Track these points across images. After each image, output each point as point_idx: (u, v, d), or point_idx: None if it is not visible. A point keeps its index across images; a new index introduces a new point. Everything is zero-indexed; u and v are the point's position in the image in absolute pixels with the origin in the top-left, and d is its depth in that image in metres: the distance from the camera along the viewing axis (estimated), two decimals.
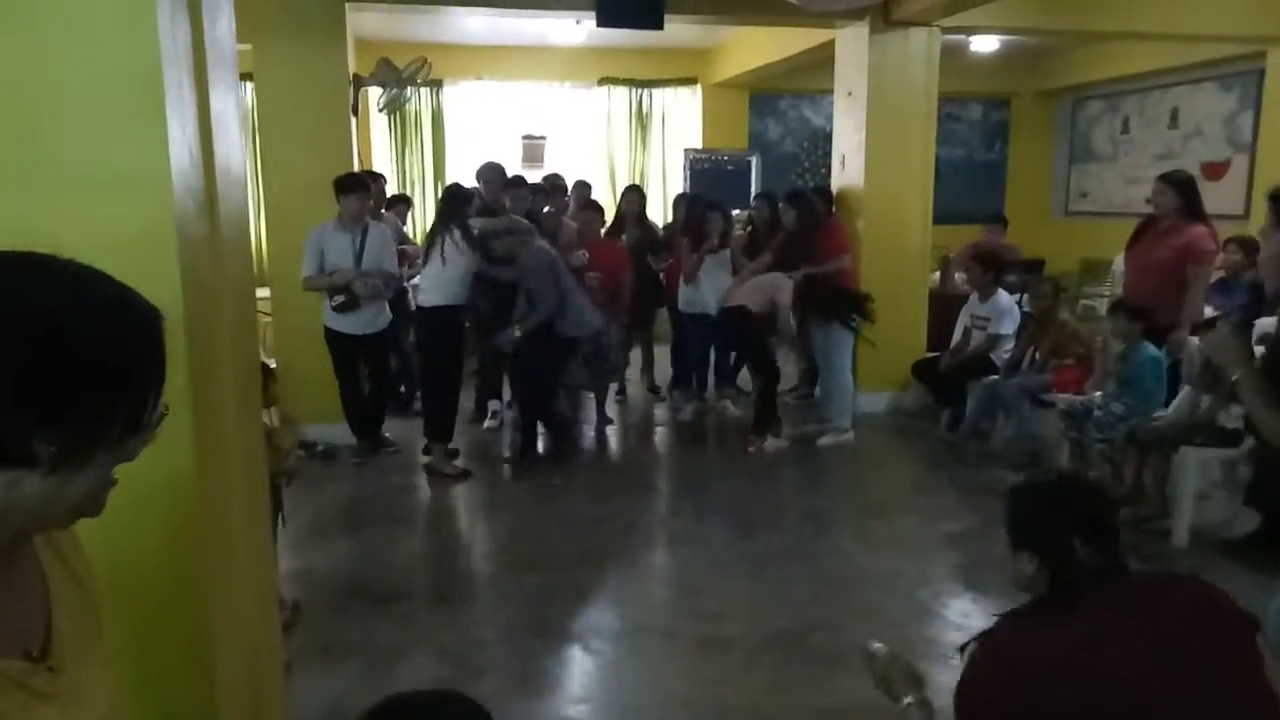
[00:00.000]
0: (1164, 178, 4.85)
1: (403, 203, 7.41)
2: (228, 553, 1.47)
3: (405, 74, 6.57)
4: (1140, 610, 1.54)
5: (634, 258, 6.28)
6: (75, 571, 0.94)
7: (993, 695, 1.54)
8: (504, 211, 5.65)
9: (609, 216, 6.67)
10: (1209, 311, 4.96)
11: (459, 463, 5.23)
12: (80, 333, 0.77)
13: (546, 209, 6.21)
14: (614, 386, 6.49)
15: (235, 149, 1.68)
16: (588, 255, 5.81)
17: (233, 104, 1.69)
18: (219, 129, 1.53)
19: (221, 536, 1.44)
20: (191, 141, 1.36)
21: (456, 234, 4.96)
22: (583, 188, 6.99)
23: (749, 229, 6.72)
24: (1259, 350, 4.65)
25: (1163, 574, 1.99)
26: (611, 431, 6.14)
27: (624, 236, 6.51)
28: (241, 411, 1.59)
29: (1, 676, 0.78)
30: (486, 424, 6.07)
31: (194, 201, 1.35)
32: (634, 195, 6.79)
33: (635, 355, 6.71)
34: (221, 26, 1.64)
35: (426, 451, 5.22)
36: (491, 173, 5.93)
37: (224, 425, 1.44)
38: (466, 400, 6.12)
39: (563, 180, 6.87)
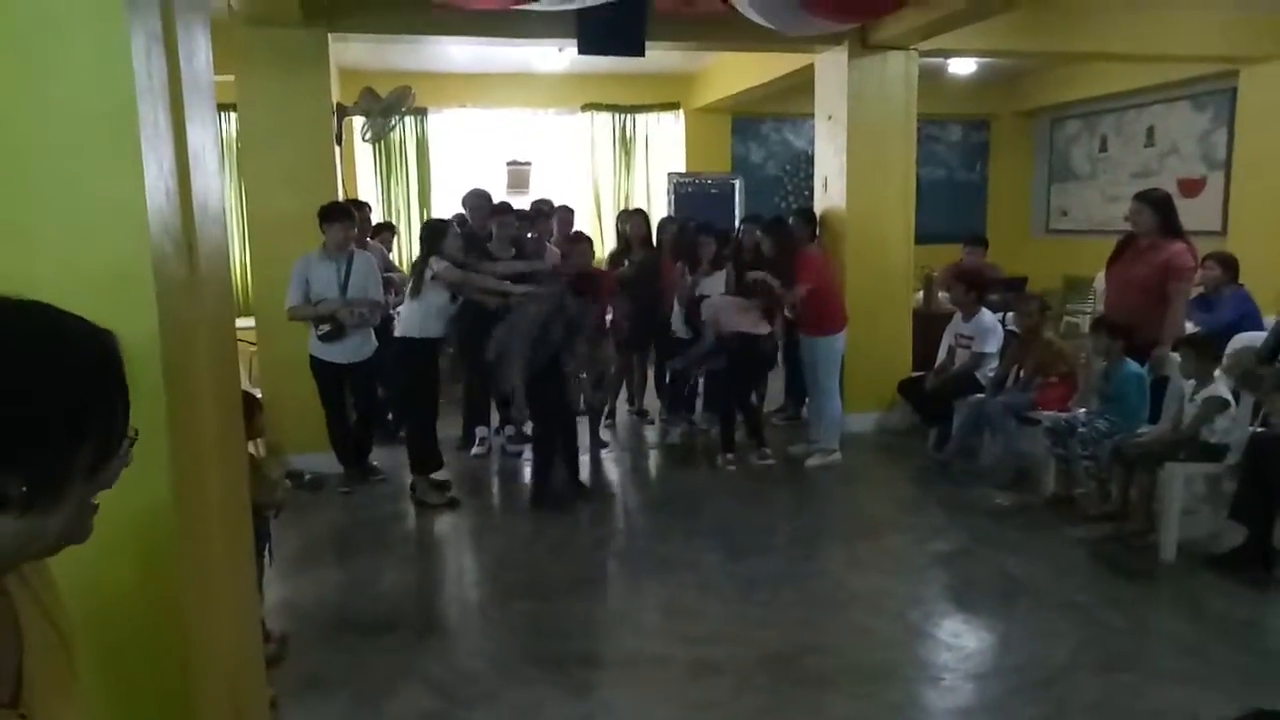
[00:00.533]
0: (1140, 197, 4.91)
1: (388, 230, 7.42)
2: (207, 584, 1.45)
3: (389, 103, 6.59)
4: None
5: (640, 280, 6.28)
6: (48, 609, 0.93)
7: None
8: (489, 239, 5.67)
9: (607, 239, 6.71)
10: (1190, 328, 5.00)
11: (452, 492, 5.20)
12: (12, 370, 0.75)
13: (530, 235, 6.23)
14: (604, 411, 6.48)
15: (214, 183, 1.68)
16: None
17: (210, 138, 1.70)
18: (196, 164, 1.53)
19: (200, 567, 1.42)
20: (168, 178, 1.36)
21: (432, 268, 4.98)
22: (565, 213, 7.01)
23: (736, 252, 6.73)
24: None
25: None
26: (606, 455, 6.12)
27: (627, 261, 6.48)
28: (222, 443, 1.58)
29: None
30: (474, 451, 6.04)
31: (170, 238, 1.35)
32: (639, 218, 6.73)
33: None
34: (199, 60, 1.64)
35: (413, 487, 5.19)
36: (477, 200, 5.95)
37: (203, 457, 1.43)
38: (454, 428, 6.11)
39: (549, 206, 6.89)
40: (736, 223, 9.19)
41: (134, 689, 1.29)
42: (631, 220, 6.70)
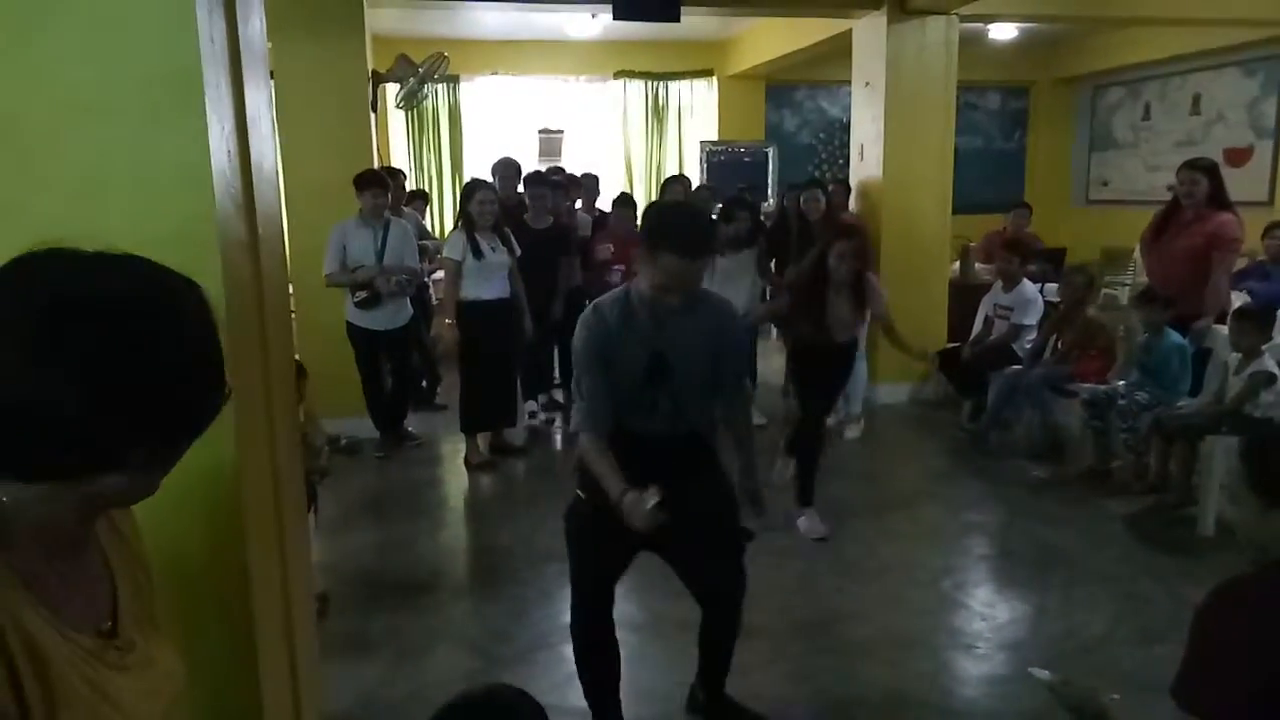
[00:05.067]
0: (1193, 165, 4.78)
1: (420, 198, 7.44)
2: (270, 542, 1.50)
3: (423, 70, 6.59)
4: None
5: None
6: (136, 552, 0.98)
7: (1240, 639, 1.44)
8: (518, 207, 5.62)
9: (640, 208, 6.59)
10: (1238, 299, 4.91)
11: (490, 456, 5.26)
12: (165, 351, 0.79)
13: (568, 203, 6.20)
14: None
15: (268, 146, 1.70)
16: (612, 249, 5.76)
17: (265, 102, 1.72)
18: (253, 127, 1.55)
19: (264, 526, 1.46)
20: (229, 139, 1.38)
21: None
22: (591, 181, 6.97)
23: (779, 220, 6.61)
24: None
25: None
26: None
27: None
28: (278, 403, 1.61)
29: (82, 650, 0.83)
30: (526, 423, 5.80)
31: (232, 199, 1.38)
32: (678, 186, 6.53)
33: None
34: (254, 25, 1.66)
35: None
36: (505, 168, 5.95)
37: (263, 418, 1.47)
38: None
39: (588, 178, 6.87)
40: (769, 192, 9.15)
41: (204, 641, 1.33)
42: (670, 188, 6.54)
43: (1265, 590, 1.51)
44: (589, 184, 6.89)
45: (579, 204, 6.42)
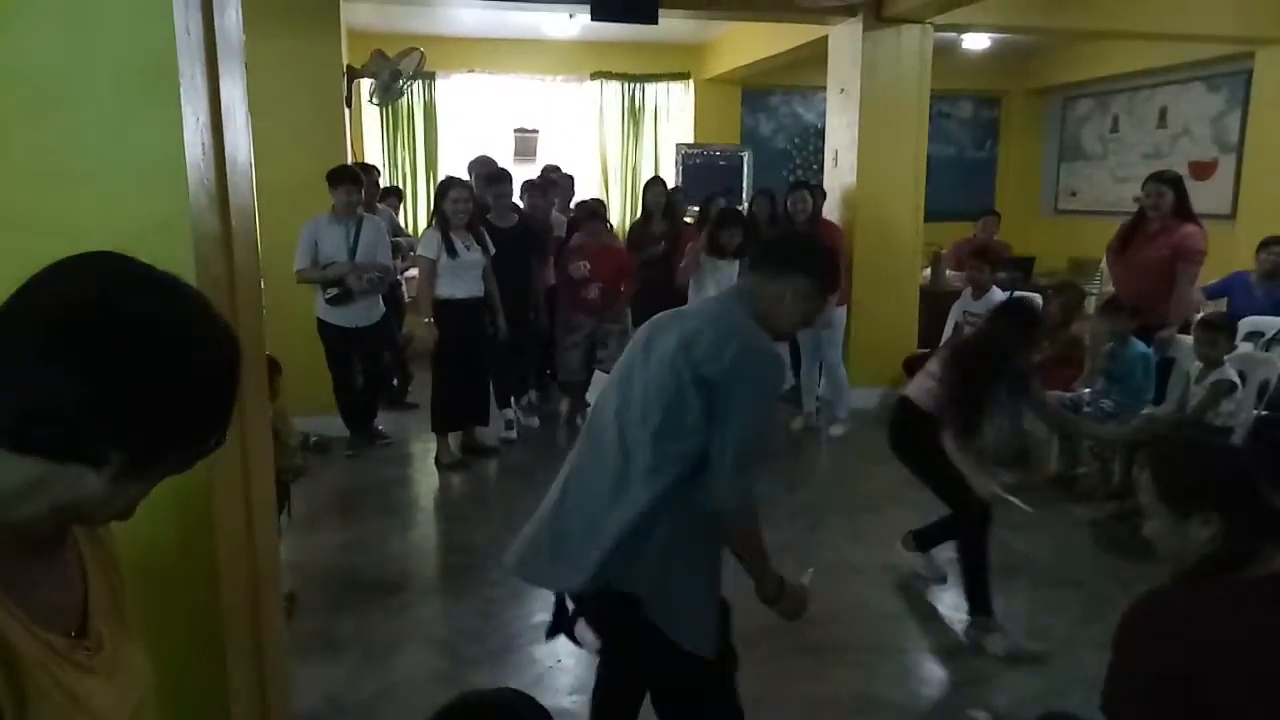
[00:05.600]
0: (1158, 178, 4.86)
1: (394, 195, 7.39)
2: (239, 540, 1.48)
3: (400, 66, 6.54)
4: None
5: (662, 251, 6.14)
6: (110, 554, 0.98)
7: (1153, 649, 1.47)
8: (489, 208, 5.55)
9: (613, 209, 6.55)
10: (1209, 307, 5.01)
11: (460, 456, 5.23)
12: (166, 358, 0.80)
13: (540, 203, 6.16)
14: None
15: (242, 139, 1.68)
16: (588, 266, 5.65)
17: (239, 95, 1.70)
18: (228, 120, 1.54)
19: (233, 524, 1.44)
20: (204, 132, 1.36)
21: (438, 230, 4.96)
22: (566, 180, 6.94)
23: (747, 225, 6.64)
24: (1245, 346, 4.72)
25: None
26: None
27: (652, 228, 6.35)
28: (250, 401, 1.59)
29: (51, 650, 0.82)
30: (502, 434, 5.64)
31: (206, 192, 1.36)
32: (660, 188, 6.44)
33: None
34: (229, 17, 1.64)
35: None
36: (480, 167, 5.93)
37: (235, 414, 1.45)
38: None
39: (558, 172, 6.83)
40: (743, 196, 9.17)
41: (171, 639, 1.31)
42: (652, 190, 6.42)
43: (1177, 601, 1.54)
44: (564, 184, 6.88)
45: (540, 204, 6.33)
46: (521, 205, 5.90)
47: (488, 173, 5.83)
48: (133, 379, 0.77)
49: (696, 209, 6.95)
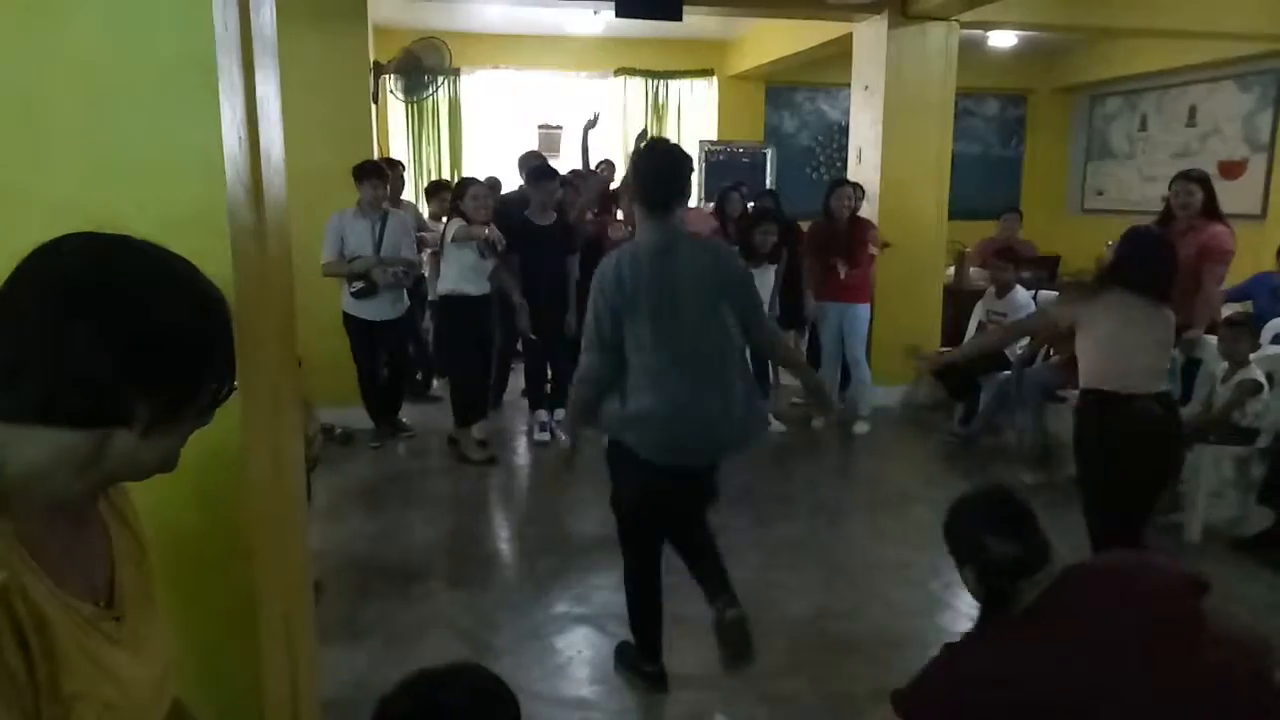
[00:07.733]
0: (1187, 176, 4.79)
1: (445, 189, 7.27)
2: (271, 525, 1.51)
3: (429, 63, 6.59)
4: (1088, 603, 1.65)
5: None
6: (132, 528, 1.01)
7: (941, 701, 1.69)
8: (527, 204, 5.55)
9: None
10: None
11: (491, 450, 5.26)
12: (170, 310, 0.85)
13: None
14: None
15: (276, 133, 1.72)
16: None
17: (273, 90, 1.73)
18: (262, 114, 1.57)
19: (266, 509, 1.48)
20: (240, 125, 1.40)
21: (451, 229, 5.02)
22: (606, 167, 6.98)
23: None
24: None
25: (1104, 560, 2.13)
26: None
27: None
28: (284, 390, 1.63)
29: (80, 618, 0.85)
30: (536, 436, 5.65)
31: (242, 185, 1.39)
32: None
33: None
34: (264, 13, 1.67)
35: (454, 441, 5.28)
36: (529, 160, 6.00)
37: (269, 403, 1.49)
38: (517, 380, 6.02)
39: (605, 166, 6.87)
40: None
41: (205, 621, 1.36)
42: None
43: (968, 643, 1.79)
44: (595, 181, 6.87)
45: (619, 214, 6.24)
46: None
47: (534, 168, 5.70)
48: (143, 337, 0.82)
49: (711, 204, 6.94)
